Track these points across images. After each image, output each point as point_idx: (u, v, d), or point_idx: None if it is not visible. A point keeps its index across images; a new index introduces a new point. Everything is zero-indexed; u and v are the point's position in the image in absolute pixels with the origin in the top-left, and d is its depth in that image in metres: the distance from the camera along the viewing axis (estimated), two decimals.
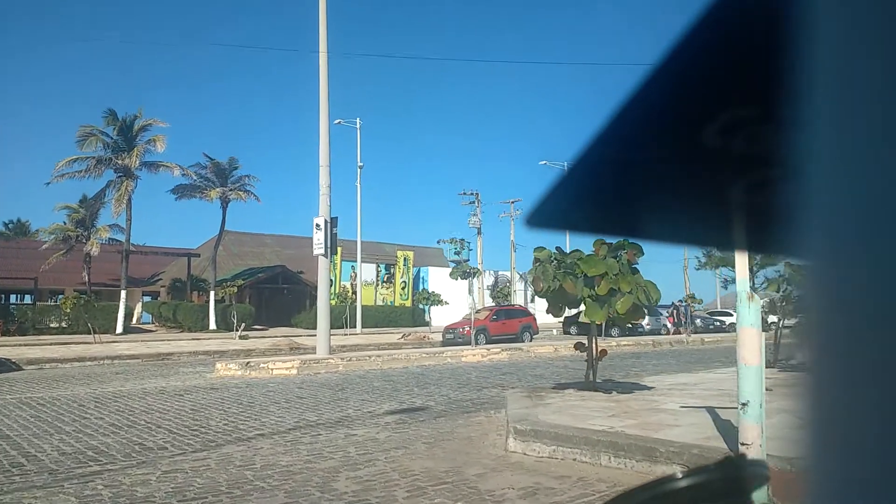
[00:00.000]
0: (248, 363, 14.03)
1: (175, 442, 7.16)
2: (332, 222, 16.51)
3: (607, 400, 7.91)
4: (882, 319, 0.28)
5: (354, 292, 36.61)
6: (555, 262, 7.63)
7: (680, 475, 0.56)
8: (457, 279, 22.12)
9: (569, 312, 9.12)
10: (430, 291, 32.80)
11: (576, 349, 9.16)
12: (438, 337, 28.83)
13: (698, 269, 26.21)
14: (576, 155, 0.48)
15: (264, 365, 14.05)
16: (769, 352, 10.94)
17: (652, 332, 31.99)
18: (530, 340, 26.46)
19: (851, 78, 0.29)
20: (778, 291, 12.10)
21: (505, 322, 26.29)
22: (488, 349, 18.28)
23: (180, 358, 20.11)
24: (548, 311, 8.57)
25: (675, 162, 0.47)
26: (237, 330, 27.40)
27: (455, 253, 28.19)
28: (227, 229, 39.73)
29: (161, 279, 45.89)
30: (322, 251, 16.42)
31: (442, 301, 33.44)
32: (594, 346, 8.53)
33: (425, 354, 16.77)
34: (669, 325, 34.34)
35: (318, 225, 16.50)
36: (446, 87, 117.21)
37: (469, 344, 24.72)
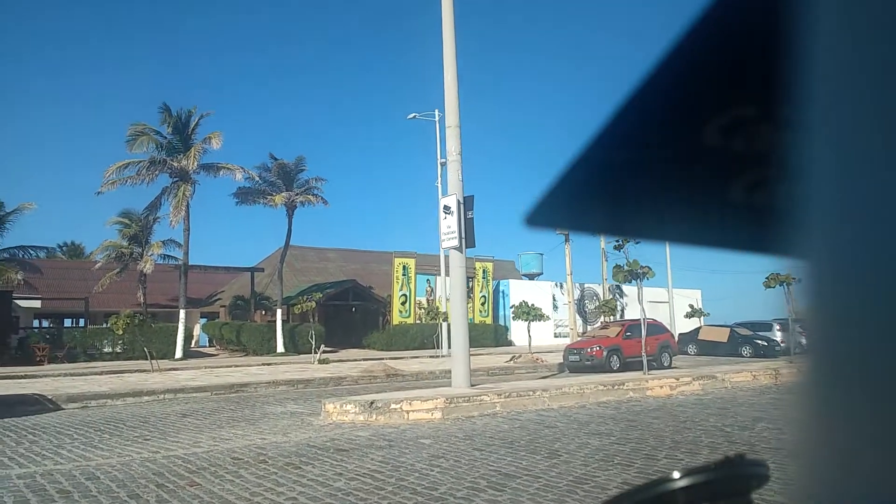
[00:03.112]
0: (371, 403, 9.58)
1: None
2: (468, 203, 12.03)
3: None
4: (881, 319, 0.28)
5: (428, 311, 32.15)
6: None
7: (680, 475, 0.56)
8: (622, 282, 17.35)
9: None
10: (529, 305, 28.06)
11: None
12: (549, 359, 24.08)
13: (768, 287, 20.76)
14: (576, 154, 0.48)
15: (396, 406, 9.57)
16: None
17: (785, 352, 26.63)
18: (669, 364, 21.44)
19: (851, 78, 0.29)
20: None
21: (640, 340, 21.34)
22: (677, 378, 13.49)
23: (258, 390, 15.87)
24: None
25: (675, 161, 0.47)
26: (315, 353, 23.18)
27: (615, 247, 23.45)
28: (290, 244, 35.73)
29: (220, 298, 42.40)
30: (455, 242, 11.93)
31: (544, 316, 28.68)
32: None
33: (602, 388, 12.06)
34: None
35: (447, 207, 12.04)
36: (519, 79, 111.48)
37: (602, 368, 19.93)
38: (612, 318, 33.87)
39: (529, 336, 27.91)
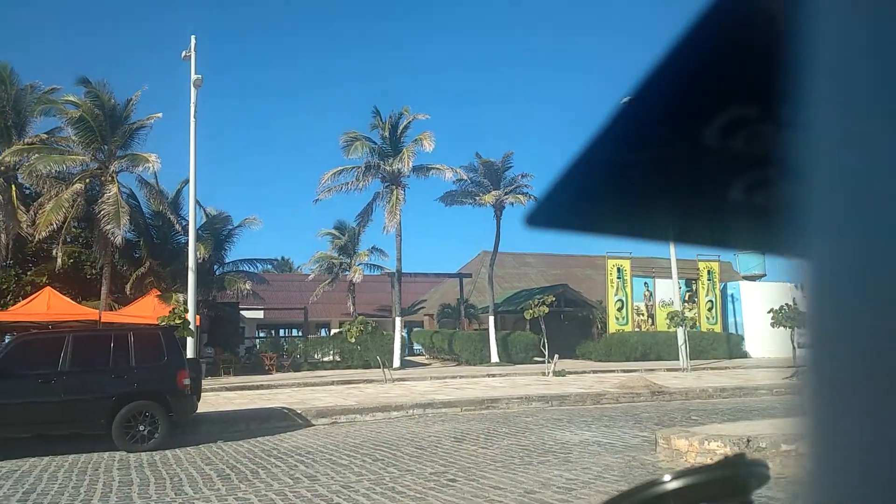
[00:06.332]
0: (748, 442, 6.70)
1: None
2: None
3: None
4: (881, 319, 0.28)
5: (672, 315, 28.33)
6: None
7: (679, 475, 0.56)
8: None
9: None
10: (793, 309, 23.47)
11: None
12: None
13: None
14: (576, 154, 0.49)
15: (788, 447, 6.59)
16: None
17: None
18: None
19: (851, 78, 0.29)
20: None
21: None
22: None
23: (510, 406, 13.62)
24: None
25: (676, 161, 0.48)
26: (550, 363, 20.73)
27: None
28: (486, 249, 33.81)
29: (423, 306, 41.84)
30: None
31: None
32: None
33: None
34: None
35: None
36: None
37: None
38: None
39: (794, 347, 23.23)
